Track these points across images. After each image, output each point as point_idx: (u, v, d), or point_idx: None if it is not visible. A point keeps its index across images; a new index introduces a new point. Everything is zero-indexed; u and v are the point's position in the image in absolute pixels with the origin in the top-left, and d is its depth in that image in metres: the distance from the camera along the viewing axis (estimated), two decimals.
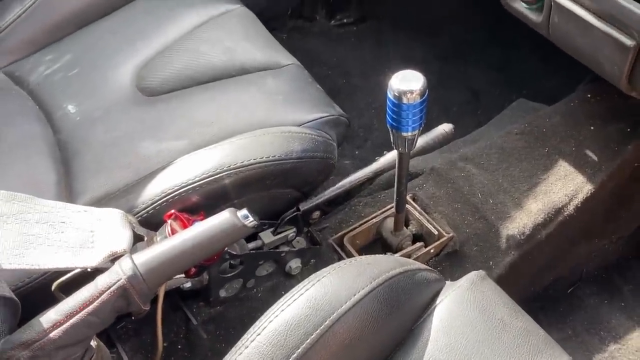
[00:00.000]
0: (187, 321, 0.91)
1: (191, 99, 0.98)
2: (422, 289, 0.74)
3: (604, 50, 0.85)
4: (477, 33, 1.62)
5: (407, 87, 0.73)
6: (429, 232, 1.01)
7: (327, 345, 0.65)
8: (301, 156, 0.87)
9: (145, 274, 0.65)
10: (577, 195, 1.06)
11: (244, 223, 0.70)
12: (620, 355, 1.06)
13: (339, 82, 1.54)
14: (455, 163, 1.12)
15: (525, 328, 0.73)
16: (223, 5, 1.14)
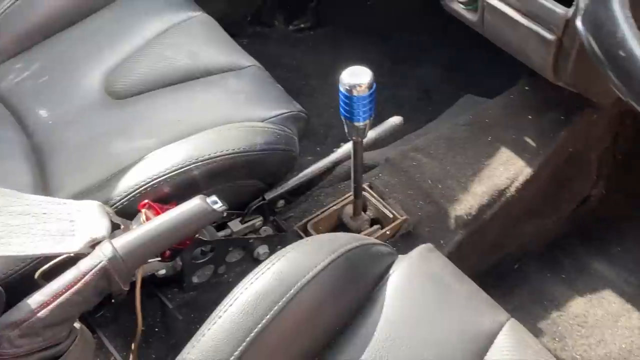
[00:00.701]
0: (162, 306, 0.97)
1: (158, 100, 1.05)
2: (377, 260, 0.82)
3: (531, 45, 0.96)
4: (426, 35, 1.73)
5: (356, 80, 0.82)
6: (385, 216, 1.10)
7: (293, 312, 0.72)
8: (264, 148, 0.95)
9: (124, 255, 0.72)
10: (517, 178, 1.17)
11: (214, 208, 0.78)
12: (561, 321, 1.16)
13: (299, 84, 1.63)
14: (407, 154, 1.22)
15: (469, 291, 0.82)
16: (185, 13, 1.20)
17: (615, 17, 0.47)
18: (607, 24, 0.48)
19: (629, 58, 0.47)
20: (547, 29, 0.91)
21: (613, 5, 0.48)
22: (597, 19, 0.49)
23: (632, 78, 0.47)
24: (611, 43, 0.48)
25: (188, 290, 0.98)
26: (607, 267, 1.26)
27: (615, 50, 0.47)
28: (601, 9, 0.48)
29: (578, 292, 1.21)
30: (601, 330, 1.14)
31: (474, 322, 0.77)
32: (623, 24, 0.47)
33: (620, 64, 0.47)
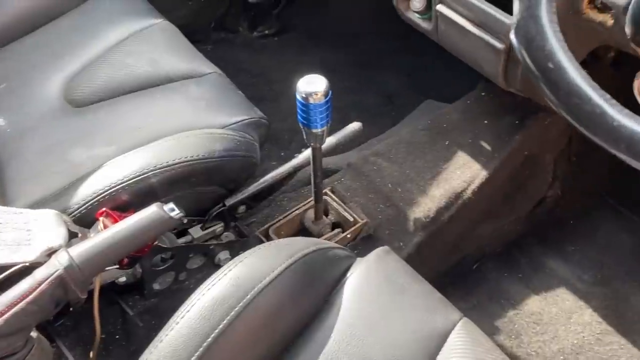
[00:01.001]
0: (123, 313, 0.98)
1: (119, 107, 1.05)
2: (334, 264, 0.84)
3: (482, 53, 0.99)
4: (390, 42, 1.77)
5: (312, 89, 0.84)
6: (346, 220, 1.12)
7: (251, 317, 0.74)
8: (223, 155, 0.96)
9: (80, 264, 0.72)
10: (474, 181, 1.20)
11: (170, 215, 0.79)
12: (517, 319, 1.20)
13: (263, 90, 1.64)
14: (368, 158, 1.24)
15: (423, 292, 0.85)
16: (146, 20, 1.21)
17: (544, 32, 0.50)
18: (537, 38, 0.51)
19: (557, 70, 0.50)
20: (496, 38, 0.94)
21: (542, 20, 0.51)
22: (528, 32, 0.52)
23: (560, 89, 0.49)
24: (541, 56, 0.51)
25: (149, 297, 0.98)
26: (562, 266, 1.30)
27: (545, 62, 0.50)
28: (531, 24, 0.51)
29: (534, 290, 1.25)
30: (555, 327, 1.19)
31: (428, 322, 0.80)
32: (552, 37, 0.50)
33: (549, 76, 0.50)
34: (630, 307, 1.23)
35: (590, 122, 0.49)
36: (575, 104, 0.49)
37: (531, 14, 0.52)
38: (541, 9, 0.52)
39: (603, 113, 0.48)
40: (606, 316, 1.21)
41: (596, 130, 0.49)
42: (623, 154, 0.48)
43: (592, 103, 0.49)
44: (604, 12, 0.81)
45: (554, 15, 0.52)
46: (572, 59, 0.50)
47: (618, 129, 0.48)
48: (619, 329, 1.20)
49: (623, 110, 0.49)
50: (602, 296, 1.24)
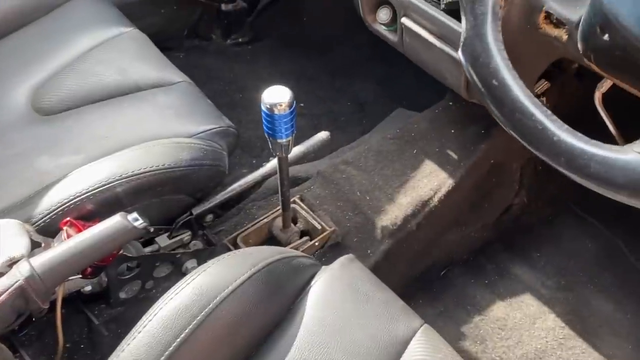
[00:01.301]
0: (89, 322, 0.97)
1: (87, 116, 1.05)
2: (299, 272, 0.85)
3: (444, 65, 1.02)
4: (362, 51, 1.79)
5: (276, 99, 0.85)
6: (314, 228, 1.13)
7: (213, 326, 0.74)
8: (190, 164, 0.97)
9: (42, 274, 0.72)
10: (440, 189, 1.23)
11: (134, 225, 0.79)
12: (483, 325, 1.23)
13: (236, 97, 1.65)
14: (338, 166, 1.26)
15: (385, 300, 0.86)
16: (116, 29, 1.21)
17: (489, 49, 0.52)
18: (482, 55, 0.53)
19: (501, 87, 0.52)
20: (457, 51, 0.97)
21: (488, 38, 0.53)
22: (474, 50, 0.54)
23: (504, 105, 0.51)
24: (486, 73, 0.53)
25: (115, 306, 0.98)
26: (527, 272, 1.33)
27: (490, 79, 0.52)
28: (477, 42, 0.53)
29: (499, 296, 1.28)
30: (519, 332, 1.21)
31: (389, 329, 0.81)
32: (496, 55, 0.52)
33: (494, 93, 0.52)
34: (592, 312, 1.27)
35: (533, 137, 0.51)
36: (518, 119, 0.51)
37: (477, 33, 0.54)
38: (486, 27, 0.54)
39: (544, 129, 0.50)
40: (569, 321, 1.24)
41: (538, 145, 0.51)
42: (563, 168, 0.51)
43: (534, 119, 0.51)
44: (559, 28, 0.84)
45: (499, 34, 0.54)
46: (516, 76, 0.53)
47: (558, 144, 0.50)
48: (581, 333, 1.23)
49: (563, 126, 0.51)
50: (565, 302, 1.27)
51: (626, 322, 1.25)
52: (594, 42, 0.68)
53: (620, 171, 0.47)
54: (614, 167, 0.48)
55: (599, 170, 0.48)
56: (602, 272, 1.33)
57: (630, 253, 1.36)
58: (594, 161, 0.48)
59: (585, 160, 0.49)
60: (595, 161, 0.48)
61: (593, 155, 0.49)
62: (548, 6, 0.83)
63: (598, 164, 0.48)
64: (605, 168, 0.48)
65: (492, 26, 0.53)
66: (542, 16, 0.85)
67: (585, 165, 0.49)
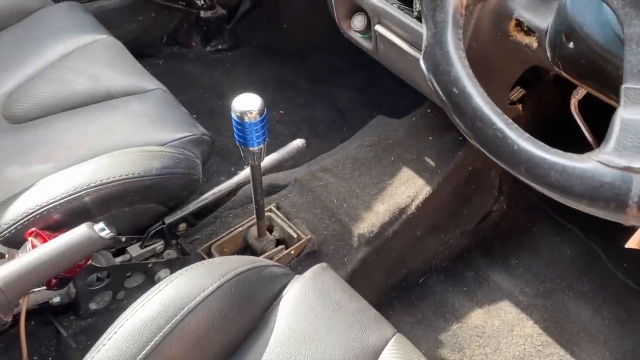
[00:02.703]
0: (57, 334, 0.95)
1: (57, 124, 1.03)
2: (270, 282, 0.84)
3: (419, 72, 1.01)
4: (341, 58, 1.79)
5: (247, 107, 0.84)
6: (290, 236, 1.12)
7: (180, 337, 0.73)
8: (161, 173, 0.95)
9: (3, 286, 0.71)
10: (417, 196, 1.22)
11: (100, 235, 0.78)
12: (461, 332, 1.22)
13: (215, 104, 1.64)
14: (315, 174, 1.25)
15: (358, 309, 0.85)
16: (90, 36, 1.20)
17: (449, 57, 0.52)
18: (442, 63, 0.53)
19: (462, 95, 0.51)
20: None
21: (448, 46, 0.53)
22: (435, 58, 0.54)
23: (464, 113, 0.51)
24: (446, 81, 0.52)
25: (85, 317, 0.97)
26: (506, 279, 1.33)
27: (450, 87, 0.52)
28: (437, 50, 0.53)
29: (477, 303, 1.27)
30: (497, 340, 1.21)
31: (361, 338, 0.80)
32: (456, 63, 0.52)
33: (454, 101, 0.52)
34: (570, 319, 1.26)
35: (493, 145, 0.51)
36: (478, 127, 0.51)
37: (437, 40, 0.53)
38: (447, 35, 0.54)
39: (505, 137, 0.50)
40: (547, 328, 1.24)
41: (498, 154, 0.50)
42: (523, 177, 0.50)
43: (495, 127, 0.50)
44: (529, 35, 0.84)
45: (460, 42, 0.53)
46: (477, 84, 0.52)
47: (518, 153, 0.49)
48: (559, 340, 1.23)
49: (523, 134, 0.50)
50: (543, 308, 1.27)
51: (605, 328, 1.25)
52: (561, 50, 0.68)
53: (578, 180, 0.47)
54: (573, 176, 0.47)
55: (559, 179, 0.48)
56: (581, 278, 1.34)
57: (608, 260, 1.36)
58: (554, 170, 0.48)
59: (545, 170, 0.48)
60: (554, 170, 0.48)
61: (553, 164, 0.48)
62: (518, 14, 0.83)
63: (557, 172, 0.48)
64: (564, 177, 0.48)
65: (453, 34, 0.53)
66: (512, 24, 0.86)
67: (545, 174, 0.48)
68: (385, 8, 0.99)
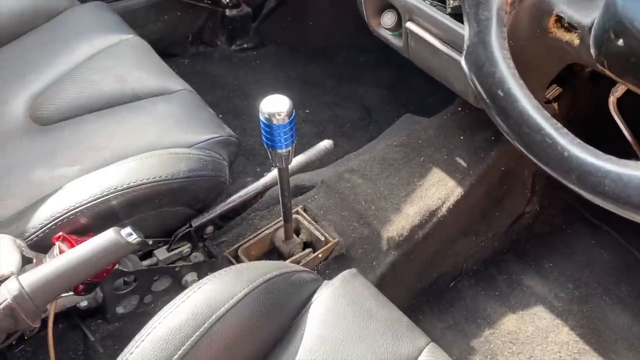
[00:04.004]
0: (85, 338, 0.95)
1: (84, 126, 1.03)
2: (299, 288, 0.82)
3: (451, 70, 0.98)
4: (368, 56, 1.76)
5: (275, 109, 0.82)
6: (317, 239, 1.10)
7: (208, 345, 0.71)
8: (188, 175, 0.94)
9: (31, 293, 0.70)
10: (449, 198, 1.19)
11: (128, 240, 0.76)
12: (494, 339, 1.18)
13: (241, 104, 1.62)
14: (342, 175, 1.23)
15: (390, 317, 0.83)
16: (116, 36, 1.19)
17: (494, 57, 0.49)
18: (486, 64, 0.49)
19: (507, 98, 0.48)
20: None
21: (492, 46, 0.49)
22: (478, 59, 0.51)
23: (510, 117, 0.48)
24: (491, 82, 0.49)
25: (112, 321, 0.96)
26: (539, 283, 1.29)
27: (495, 89, 0.49)
28: (481, 50, 0.50)
29: (510, 308, 1.23)
30: (531, 347, 1.17)
31: (393, 348, 0.78)
32: (501, 64, 0.49)
33: (499, 104, 0.49)
34: (608, 325, 1.22)
35: (541, 152, 0.47)
36: (525, 132, 0.48)
37: (481, 40, 0.50)
38: (491, 34, 0.51)
39: (554, 143, 0.47)
40: (584, 335, 1.19)
41: (547, 161, 0.47)
42: (574, 185, 0.47)
43: (543, 133, 0.47)
44: (570, 32, 0.80)
45: (505, 41, 0.50)
46: (523, 86, 0.49)
47: (569, 160, 0.46)
48: (597, 348, 1.18)
49: (574, 140, 0.47)
50: (579, 314, 1.22)
51: None
52: (608, 47, 0.64)
53: (636, 190, 0.44)
54: (629, 186, 0.44)
55: (614, 189, 0.45)
56: (618, 283, 1.28)
57: None
58: (608, 179, 0.45)
59: (599, 178, 0.45)
60: (609, 179, 0.45)
61: (607, 173, 0.45)
62: (559, 9, 0.79)
63: (612, 181, 0.45)
64: (620, 186, 0.44)
65: (497, 33, 0.50)
66: (552, 20, 0.81)
67: (599, 183, 0.45)
68: (417, 5, 0.96)
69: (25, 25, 1.19)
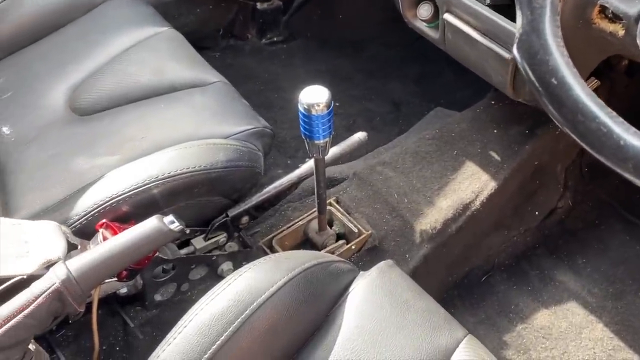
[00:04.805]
0: (124, 325, 0.97)
1: (122, 116, 1.04)
2: (336, 278, 0.82)
3: (490, 62, 0.97)
4: (398, 49, 1.75)
5: (314, 100, 0.82)
6: (351, 231, 1.10)
7: (249, 332, 0.72)
8: (226, 165, 0.95)
9: (78, 277, 0.71)
10: (482, 192, 1.18)
11: (170, 228, 0.78)
12: (526, 333, 1.17)
13: (272, 97, 1.63)
14: (375, 168, 1.23)
15: (427, 308, 0.83)
16: (152, 28, 1.21)
17: (547, 46, 0.49)
18: (540, 52, 0.49)
19: (561, 86, 0.48)
20: (504, 48, 0.92)
21: (546, 34, 0.49)
22: (531, 47, 0.50)
23: (564, 106, 0.48)
24: (544, 71, 0.49)
25: (150, 308, 0.98)
26: (572, 279, 1.27)
27: (548, 77, 0.48)
28: (534, 37, 0.50)
29: (543, 304, 1.22)
30: (565, 342, 1.16)
31: (431, 339, 0.78)
32: (555, 52, 0.48)
33: (552, 92, 0.48)
34: None
35: (596, 140, 0.47)
36: (579, 121, 0.47)
37: (534, 28, 0.50)
38: (545, 22, 0.50)
39: (609, 132, 0.46)
40: (618, 332, 1.18)
41: (602, 149, 0.47)
42: (630, 174, 0.46)
43: (598, 121, 0.47)
44: (614, 23, 0.79)
45: (558, 29, 0.50)
46: (577, 75, 0.49)
47: (625, 148, 0.46)
48: (632, 345, 1.16)
49: (630, 128, 0.47)
50: (614, 311, 1.21)
51: None
52: None
53: None
54: None
55: None
56: None
57: None
58: None
59: None
60: None
61: None
62: (603, 0, 0.78)
63: None
64: None
65: (551, 21, 0.49)
66: (596, 10, 0.80)
67: None
68: None
69: (64, 18, 1.21)
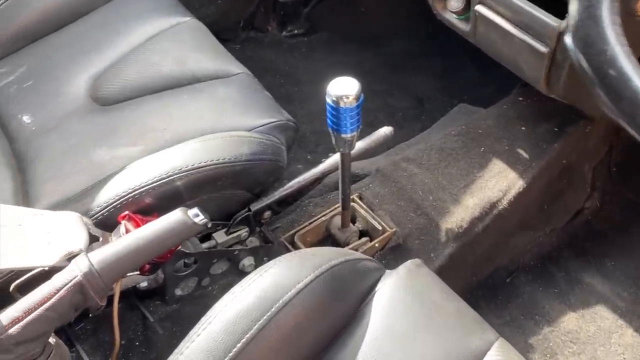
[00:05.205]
0: (144, 319, 0.95)
1: (144, 107, 1.02)
2: (363, 276, 0.80)
3: (523, 56, 0.94)
4: (420, 44, 1.72)
5: (343, 92, 0.80)
6: (374, 228, 1.08)
7: (275, 330, 0.70)
8: (250, 159, 0.93)
9: (100, 270, 0.69)
10: (510, 191, 1.15)
11: (195, 221, 0.75)
12: (553, 337, 1.14)
13: (292, 90, 1.61)
14: (398, 164, 1.20)
15: (457, 310, 0.80)
16: (174, 18, 1.18)
17: (605, 35, 0.46)
18: (597, 42, 0.46)
19: (620, 77, 0.45)
20: (540, 41, 0.89)
21: (604, 21, 0.46)
22: (588, 36, 0.47)
23: (623, 98, 0.45)
24: (601, 61, 0.46)
25: (171, 303, 0.96)
26: (601, 282, 1.24)
27: (606, 68, 0.46)
28: (591, 26, 0.47)
29: (570, 307, 1.19)
30: (593, 347, 1.12)
31: (462, 342, 0.75)
32: (614, 41, 0.45)
33: (610, 83, 0.45)
34: None
35: None
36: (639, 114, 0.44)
37: (591, 15, 0.47)
38: (602, 8, 0.47)
39: None
40: None
41: None
42: None
43: None
44: None
45: (617, 17, 0.47)
46: (637, 65, 0.45)
47: None
48: None
49: None
50: None
51: None
52: None
53: None
54: None
55: None
56: None
57: None
58: None
59: None
60: None
61: None
62: None
63: None
64: None
65: (610, 8, 0.46)
66: (639, 2, 0.77)
67: None
68: None
69: (86, 6, 1.19)
